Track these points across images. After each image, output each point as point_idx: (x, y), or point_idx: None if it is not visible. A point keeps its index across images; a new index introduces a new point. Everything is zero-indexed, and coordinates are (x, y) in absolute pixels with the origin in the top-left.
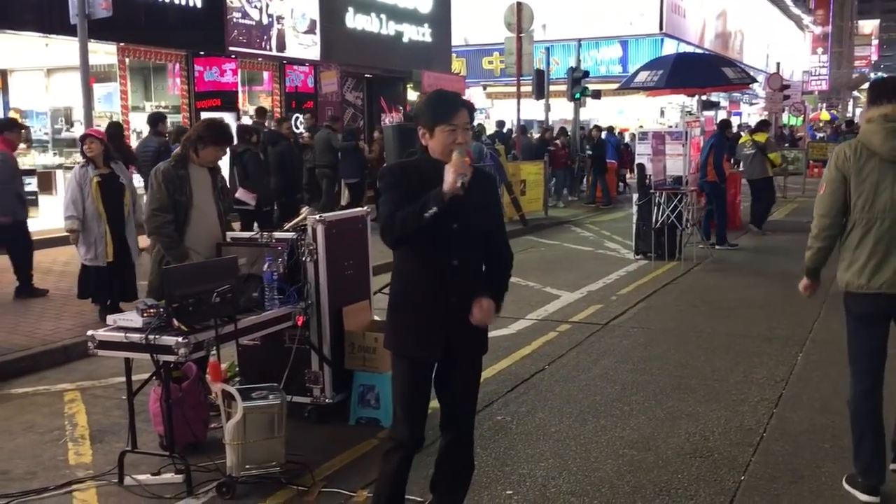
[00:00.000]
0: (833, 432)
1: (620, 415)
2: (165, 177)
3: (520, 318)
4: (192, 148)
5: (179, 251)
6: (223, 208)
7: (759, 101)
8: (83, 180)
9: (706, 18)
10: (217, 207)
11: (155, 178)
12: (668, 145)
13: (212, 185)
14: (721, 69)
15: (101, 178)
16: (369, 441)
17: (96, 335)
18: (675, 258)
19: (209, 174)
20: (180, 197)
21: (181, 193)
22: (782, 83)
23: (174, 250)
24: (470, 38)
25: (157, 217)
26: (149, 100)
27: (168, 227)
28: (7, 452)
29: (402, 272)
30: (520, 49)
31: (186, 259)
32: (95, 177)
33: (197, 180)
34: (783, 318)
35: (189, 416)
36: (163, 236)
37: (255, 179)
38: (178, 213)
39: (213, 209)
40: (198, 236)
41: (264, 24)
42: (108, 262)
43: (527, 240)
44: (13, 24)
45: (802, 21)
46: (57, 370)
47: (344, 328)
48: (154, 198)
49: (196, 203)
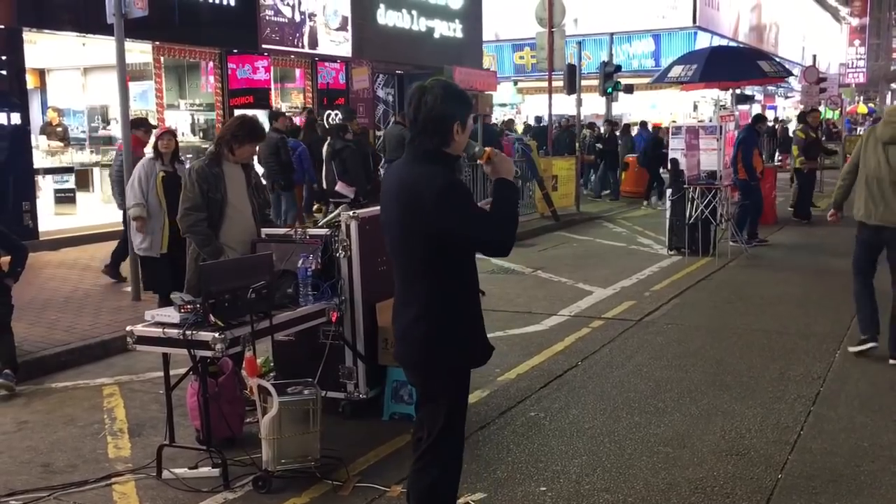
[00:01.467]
0: (872, 430)
1: (655, 412)
2: (199, 175)
3: (552, 315)
4: (228, 147)
5: (213, 248)
6: (258, 204)
7: (795, 95)
8: (150, 172)
9: (740, 11)
10: (252, 204)
11: (188, 176)
12: (703, 140)
13: (246, 182)
14: (756, 62)
15: (166, 174)
16: (403, 436)
17: (135, 331)
18: (710, 254)
19: (243, 171)
20: (215, 195)
21: (216, 191)
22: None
23: (208, 247)
24: (501, 32)
25: (190, 216)
26: (183, 98)
27: (201, 226)
28: (48, 445)
29: (461, 282)
30: (551, 44)
31: (221, 255)
32: (161, 172)
33: (231, 178)
34: (820, 314)
35: (225, 411)
36: (196, 234)
37: (354, 174)
38: (212, 210)
39: (248, 206)
40: (233, 233)
41: (297, 21)
42: (161, 254)
43: (559, 235)
44: (51, 24)
45: (839, 13)
46: (96, 365)
47: (377, 324)
48: (187, 196)
49: (230, 200)
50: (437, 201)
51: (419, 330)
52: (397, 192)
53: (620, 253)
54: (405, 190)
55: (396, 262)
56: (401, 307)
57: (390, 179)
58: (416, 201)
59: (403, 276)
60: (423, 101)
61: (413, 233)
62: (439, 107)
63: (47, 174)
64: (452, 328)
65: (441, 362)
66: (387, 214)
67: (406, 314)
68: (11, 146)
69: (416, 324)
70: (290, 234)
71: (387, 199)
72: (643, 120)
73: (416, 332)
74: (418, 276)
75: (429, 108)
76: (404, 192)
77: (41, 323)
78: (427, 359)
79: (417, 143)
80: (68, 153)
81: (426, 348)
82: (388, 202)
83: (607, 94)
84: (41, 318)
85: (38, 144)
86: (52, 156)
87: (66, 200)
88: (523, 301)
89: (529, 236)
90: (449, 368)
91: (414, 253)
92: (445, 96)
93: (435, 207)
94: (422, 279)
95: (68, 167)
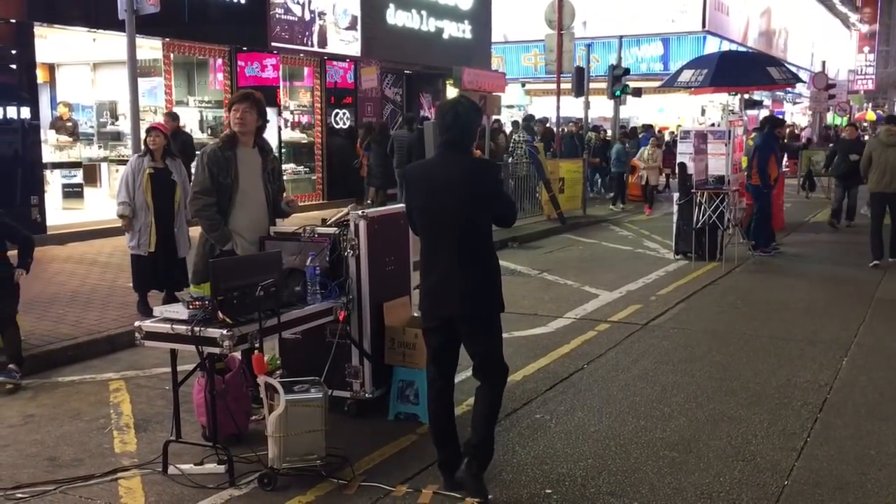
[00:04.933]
0: (879, 438)
1: (661, 416)
2: (210, 158)
3: (558, 317)
4: (228, 122)
5: (221, 234)
6: (272, 191)
7: (804, 101)
8: (137, 169)
9: (750, 16)
10: (266, 191)
11: (200, 160)
12: (711, 144)
13: (262, 167)
14: (766, 68)
15: (154, 170)
16: (408, 436)
17: (143, 326)
18: (716, 259)
19: (259, 155)
20: (225, 179)
21: (226, 176)
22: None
23: (216, 233)
24: (509, 34)
25: (199, 199)
26: (192, 94)
27: (209, 210)
28: (55, 439)
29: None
30: (560, 46)
31: (229, 241)
32: (149, 168)
33: (245, 162)
34: (827, 321)
35: (232, 408)
36: (203, 218)
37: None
38: (222, 196)
39: (261, 192)
40: (243, 220)
41: (306, 20)
42: (149, 253)
43: (565, 238)
44: (62, 19)
45: (849, 19)
46: (102, 360)
47: (384, 323)
48: (196, 180)
49: (242, 186)
50: (497, 177)
51: (492, 280)
52: (459, 176)
53: (627, 256)
54: (468, 172)
55: (460, 234)
56: (465, 268)
57: (436, 170)
58: (483, 178)
59: (468, 244)
60: (458, 113)
61: (482, 205)
62: (471, 116)
63: (55, 169)
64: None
65: (502, 303)
66: (442, 197)
67: (475, 273)
68: (21, 140)
69: (489, 276)
70: (298, 233)
71: (440, 184)
72: (647, 123)
73: (490, 282)
74: (482, 240)
75: (463, 117)
76: (467, 174)
77: (48, 317)
78: (499, 301)
79: (458, 141)
80: (76, 148)
81: (499, 293)
82: (441, 187)
83: (615, 98)
84: (48, 312)
85: (48, 139)
86: (60, 150)
87: (73, 195)
88: (529, 303)
89: (536, 238)
90: (503, 306)
91: (482, 220)
92: (472, 108)
93: (497, 181)
94: (485, 243)
95: (76, 162)
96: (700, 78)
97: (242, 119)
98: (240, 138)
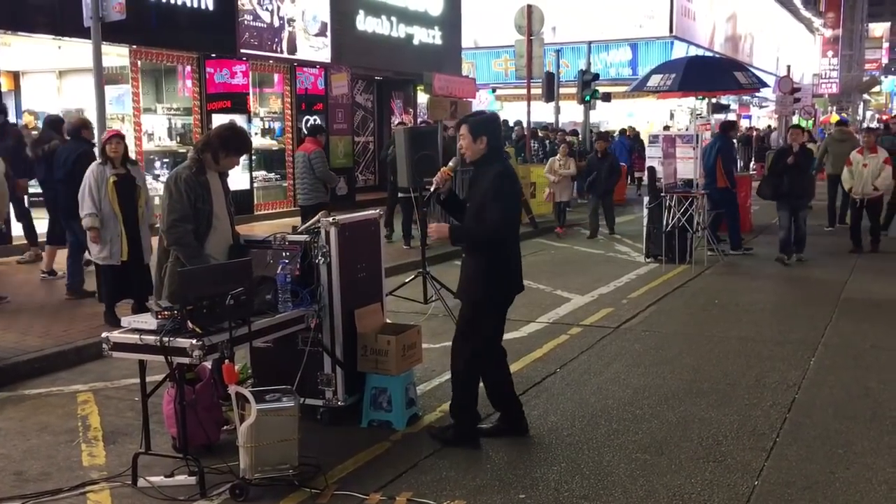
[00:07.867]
0: (847, 438)
1: (633, 419)
2: (188, 185)
3: (531, 322)
4: (213, 154)
5: (202, 261)
6: (232, 213)
7: (769, 104)
8: (100, 178)
9: (716, 21)
10: (230, 213)
11: (176, 185)
12: (679, 148)
13: (223, 191)
14: (733, 73)
15: (118, 177)
16: (382, 444)
17: (111, 337)
18: (686, 261)
19: (220, 179)
20: (203, 205)
21: (203, 202)
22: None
23: (196, 259)
24: (479, 40)
25: (178, 227)
26: (160, 102)
27: (188, 237)
28: (21, 453)
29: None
30: (530, 52)
31: None
32: (112, 176)
33: (213, 186)
34: (795, 322)
35: (202, 418)
36: (184, 247)
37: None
38: (200, 221)
39: (227, 215)
40: (217, 243)
41: (275, 26)
42: (122, 262)
43: (537, 242)
44: (26, 27)
45: (813, 24)
46: (70, 371)
47: (357, 330)
48: (174, 207)
49: (215, 210)
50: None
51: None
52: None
53: (598, 260)
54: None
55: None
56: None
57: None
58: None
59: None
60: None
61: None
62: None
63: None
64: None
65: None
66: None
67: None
68: None
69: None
70: (268, 240)
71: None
72: (622, 128)
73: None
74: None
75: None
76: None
77: (14, 328)
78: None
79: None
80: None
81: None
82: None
83: (585, 102)
84: (14, 323)
85: None
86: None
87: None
88: None
89: None
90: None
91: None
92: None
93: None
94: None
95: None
96: (668, 82)
97: (235, 166)
98: (211, 164)
